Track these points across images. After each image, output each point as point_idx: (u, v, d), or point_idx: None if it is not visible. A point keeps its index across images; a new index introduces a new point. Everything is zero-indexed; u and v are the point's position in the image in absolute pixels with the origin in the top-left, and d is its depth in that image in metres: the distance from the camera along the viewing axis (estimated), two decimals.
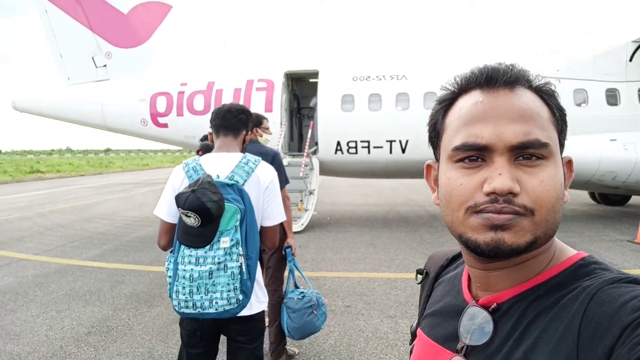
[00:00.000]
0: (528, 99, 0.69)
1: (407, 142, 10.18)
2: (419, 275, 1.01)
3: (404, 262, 6.86)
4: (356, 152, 10.51)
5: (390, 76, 10.58)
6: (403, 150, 10.26)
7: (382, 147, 10.36)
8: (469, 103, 0.71)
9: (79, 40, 11.67)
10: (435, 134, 0.78)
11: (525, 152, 0.66)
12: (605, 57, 9.91)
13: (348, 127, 10.43)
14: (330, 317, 4.65)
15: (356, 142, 10.44)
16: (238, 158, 2.33)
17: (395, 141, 10.27)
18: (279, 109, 10.72)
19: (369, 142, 10.40)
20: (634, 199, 12.83)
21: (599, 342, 0.58)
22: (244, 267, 2.13)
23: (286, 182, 3.79)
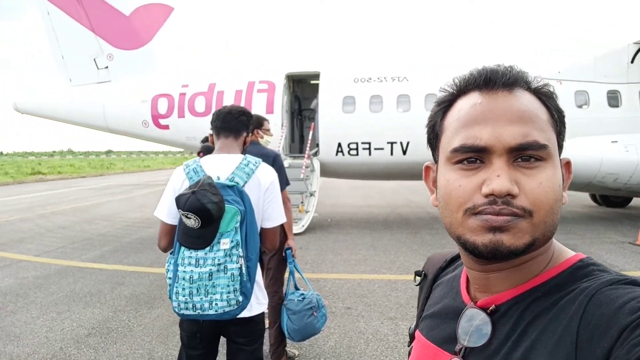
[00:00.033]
0: (527, 100, 0.69)
1: (408, 143, 10.18)
2: (417, 277, 1.00)
3: (404, 264, 6.86)
4: (357, 154, 10.51)
5: (392, 78, 10.59)
6: (404, 152, 10.26)
7: (383, 148, 10.36)
8: (467, 105, 0.71)
9: (81, 42, 11.71)
10: (434, 135, 0.78)
11: (524, 154, 0.66)
12: (606, 58, 9.91)
13: (349, 129, 10.43)
14: (331, 319, 4.64)
15: (357, 143, 10.43)
16: (238, 159, 2.33)
17: (396, 143, 10.27)
18: (280, 111, 10.73)
19: (370, 143, 10.40)
20: (635, 201, 12.83)
21: (597, 343, 0.57)
22: (244, 268, 2.13)
23: (287, 183, 3.80)
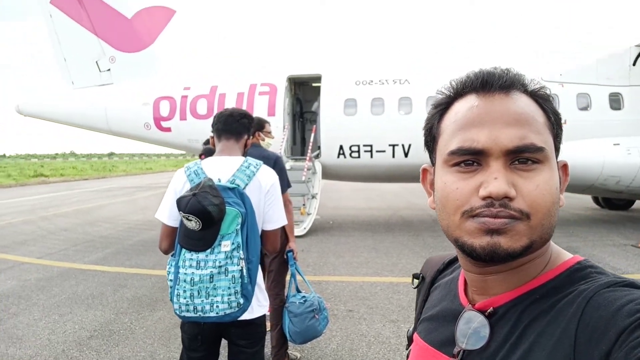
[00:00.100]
0: (523, 103, 0.69)
1: (410, 146, 10.17)
2: (415, 280, 1.00)
3: (406, 267, 6.85)
4: (359, 156, 10.50)
5: (393, 80, 10.59)
6: (406, 155, 10.25)
7: (384, 151, 10.35)
8: (464, 107, 0.71)
9: (83, 45, 11.74)
10: (431, 138, 0.78)
11: (521, 157, 0.66)
12: (608, 61, 9.90)
13: (351, 131, 10.43)
14: (333, 322, 4.63)
15: (359, 146, 10.43)
16: (239, 162, 2.33)
17: (398, 145, 10.26)
18: (281, 113, 10.74)
19: (371, 146, 10.40)
20: (638, 204, 12.78)
21: (595, 346, 0.58)
22: (244, 270, 2.13)
23: (288, 186, 3.81)
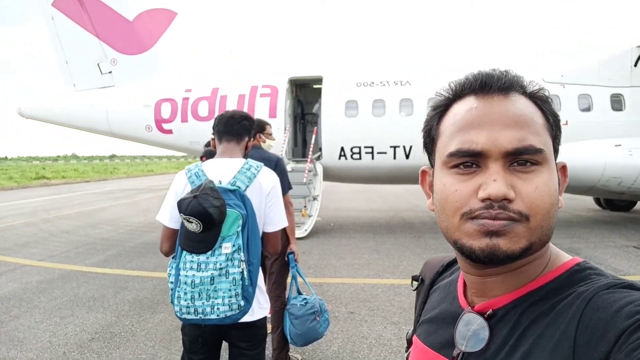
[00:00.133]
0: (522, 104, 0.69)
1: (411, 147, 10.17)
2: (414, 282, 1.00)
3: (408, 268, 6.84)
4: (360, 158, 10.50)
5: (394, 82, 10.59)
6: (407, 156, 10.25)
7: (385, 152, 10.35)
8: (463, 109, 0.71)
9: (85, 47, 11.77)
10: (430, 139, 0.78)
11: (520, 158, 0.66)
12: (609, 62, 9.90)
13: (352, 133, 10.43)
14: (334, 324, 4.63)
15: (360, 147, 10.43)
16: (240, 164, 2.33)
17: (399, 147, 10.26)
18: (283, 115, 10.75)
19: (372, 147, 10.39)
20: None
21: (595, 347, 0.57)
22: (245, 273, 2.13)
23: (289, 187, 3.81)
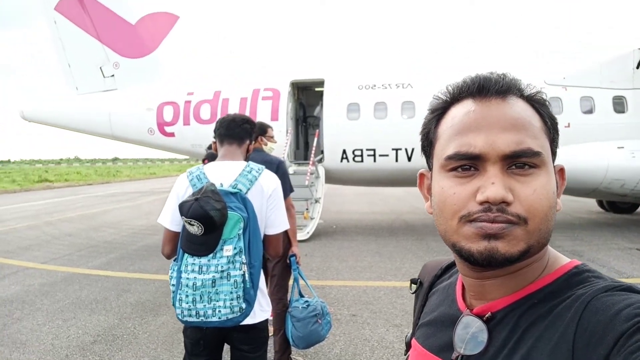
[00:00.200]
0: (520, 108, 0.69)
1: (413, 150, 10.16)
2: (413, 285, 1.00)
3: (410, 271, 6.82)
4: (362, 161, 10.50)
5: (396, 84, 10.60)
6: (409, 159, 10.24)
7: (387, 155, 10.34)
8: (461, 112, 0.71)
9: (88, 51, 11.83)
10: (428, 143, 0.78)
11: (518, 161, 0.66)
12: (611, 64, 9.89)
13: (354, 136, 10.43)
14: (336, 326, 4.63)
15: (362, 150, 10.43)
16: (241, 166, 2.34)
17: (401, 149, 10.26)
18: (284, 118, 10.77)
19: (374, 150, 10.39)
20: None
21: (593, 350, 0.57)
22: (247, 275, 2.13)
23: (290, 190, 3.81)
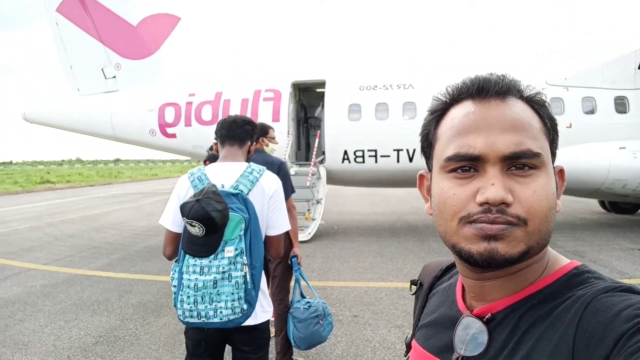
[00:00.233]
0: (519, 109, 0.69)
1: (415, 151, 10.15)
2: (413, 286, 1.00)
3: (411, 272, 6.82)
4: (363, 161, 10.50)
5: (397, 85, 10.60)
6: (410, 159, 10.23)
7: (389, 156, 10.34)
8: (460, 113, 0.71)
9: (89, 52, 11.84)
10: (428, 144, 0.78)
11: (518, 162, 0.66)
12: (613, 65, 9.88)
13: (355, 136, 10.43)
14: (338, 327, 4.63)
15: (363, 151, 10.43)
16: (243, 167, 2.34)
17: (402, 150, 10.25)
18: (286, 119, 10.77)
19: (376, 151, 10.39)
20: None
21: (594, 351, 0.57)
22: (248, 276, 2.13)
23: (292, 191, 3.81)
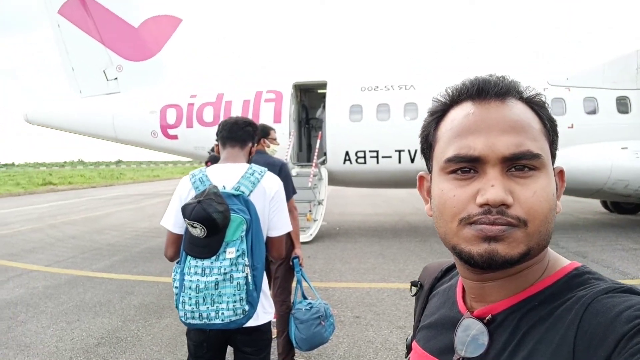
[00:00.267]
0: (519, 110, 0.69)
1: (416, 151, 10.12)
2: (413, 288, 1.00)
3: (413, 273, 6.81)
4: (365, 162, 10.50)
5: (399, 86, 10.60)
6: (412, 160, 10.23)
7: (390, 156, 10.34)
8: (460, 115, 0.71)
9: (91, 54, 11.87)
10: (428, 145, 0.78)
11: (518, 164, 0.66)
12: (615, 65, 9.86)
13: (356, 137, 10.43)
14: (340, 328, 4.62)
15: (365, 152, 10.43)
16: (244, 169, 2.34)
17: (404, 151, 10.25)
18: (287, 120, 10.77)
19: (377, 152, 10.39)
20: None
21: (594, 352, 0.57)
22: (249, 277, 2.13)
23: (293, 192, 3.81)
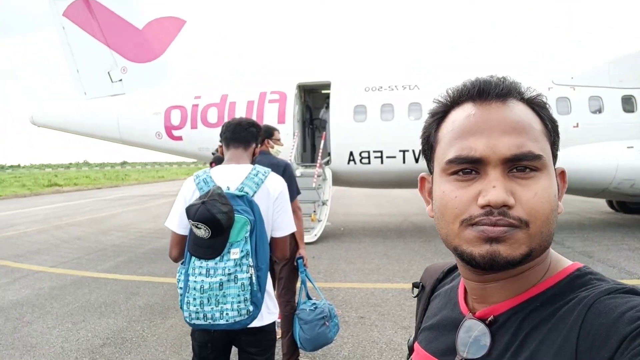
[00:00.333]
0: (520, 111, 0.69)
1: (421, 152, 10.11)
2: (415, 289, 1.00)
3: (418, 273, 6.78)
4: (369, 162, 10.48)
5: (403, 86, 10.58)
6: (416, 160, 10.20)
7: (395, 156, 10.31)
8: (461, 116, 0.71)
9: (96, 56, 11.93)
10: (429, 146, 0.78)
11: (519, 164, 0.66)
12: (620, 63, 9.80)
13: (360, 138, 10.42)
14: (344, 328, 4.62)
15: (369, 152, 10.42)
16: (248, 169, 2.35)
17: (408, 151, 10.22)
18: (291, 121, 10.79)
19: (381, 152, 10.37)
20: None
21: (597, 353, 0.57)
22: (254, 278, 2.14)
23: (297, 192, 3.81)
